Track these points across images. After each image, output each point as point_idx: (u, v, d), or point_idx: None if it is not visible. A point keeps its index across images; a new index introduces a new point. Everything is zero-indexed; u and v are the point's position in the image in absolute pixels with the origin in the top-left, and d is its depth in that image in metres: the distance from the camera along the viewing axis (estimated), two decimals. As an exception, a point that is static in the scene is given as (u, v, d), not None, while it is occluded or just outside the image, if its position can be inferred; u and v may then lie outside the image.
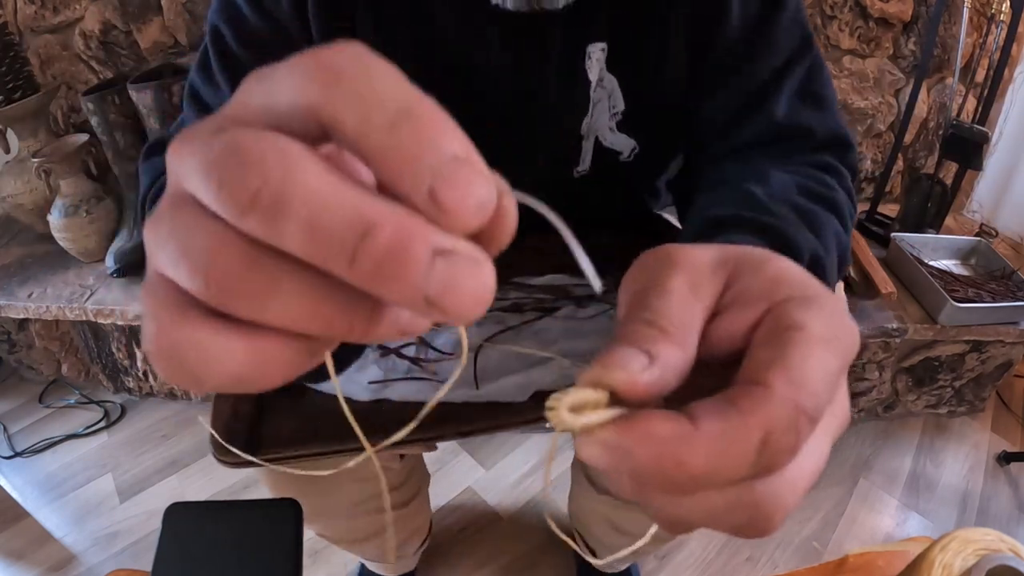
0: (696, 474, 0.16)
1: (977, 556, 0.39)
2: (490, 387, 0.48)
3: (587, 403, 0.17)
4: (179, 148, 0.16)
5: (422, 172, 0.14)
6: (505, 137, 0.52)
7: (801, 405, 0.17)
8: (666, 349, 0.18)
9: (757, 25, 0.46)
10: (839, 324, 0.19)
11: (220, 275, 0.14)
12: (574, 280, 0.57)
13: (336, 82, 0.14)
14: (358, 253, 0.13)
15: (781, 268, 0.21)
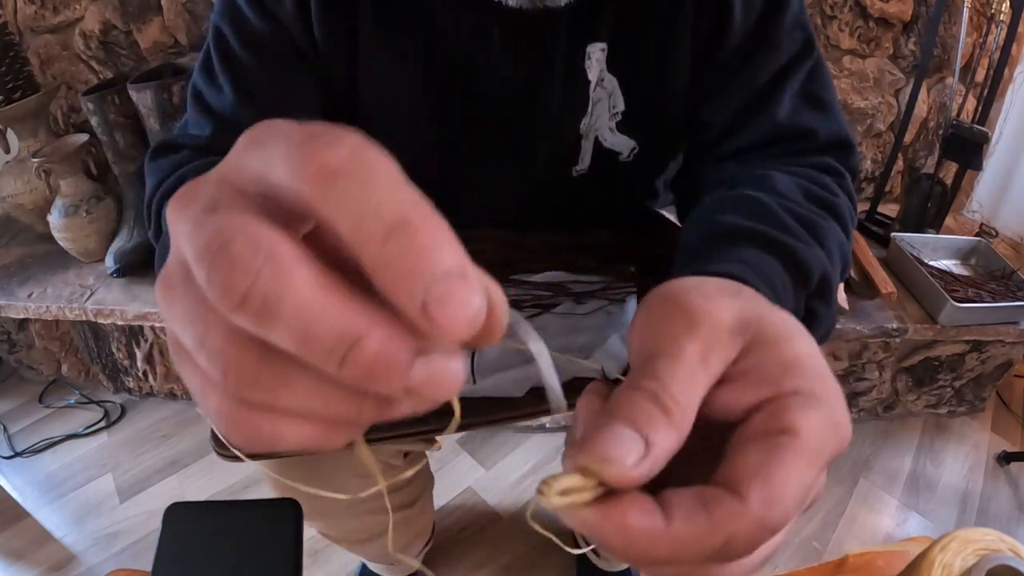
0: (657, 560, 0.18)
1: (977, 556, 0.39)
2: (488, 382, 0.49)
3: (574, 488, 0.18)
4: (178, 211, 0.16)
5: (415, 288, 0.14)
6: (505, 137, 0.52)
7: (768, 522, 0.18)
8: (663, 434, 0.19)
9: (759, 27, 0.46)
10: (834, 431, 0.20)
11: (235, 370, 0.15)
12: (572, 277, 0.57)
13: (331, 183, 0.14)
14: (347, 360, 0.14)
15: (796, 353, 0.21)
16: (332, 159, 0.14)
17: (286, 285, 0.14)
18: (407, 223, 0.14)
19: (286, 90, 0.48)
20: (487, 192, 0.56)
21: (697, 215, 0.43)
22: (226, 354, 0.15)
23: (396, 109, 0.50)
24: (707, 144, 0.51)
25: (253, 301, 0.14)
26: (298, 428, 0.16)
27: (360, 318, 0.14)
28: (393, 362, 0.14)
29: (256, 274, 0.14)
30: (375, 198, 0.14)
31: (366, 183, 0.14)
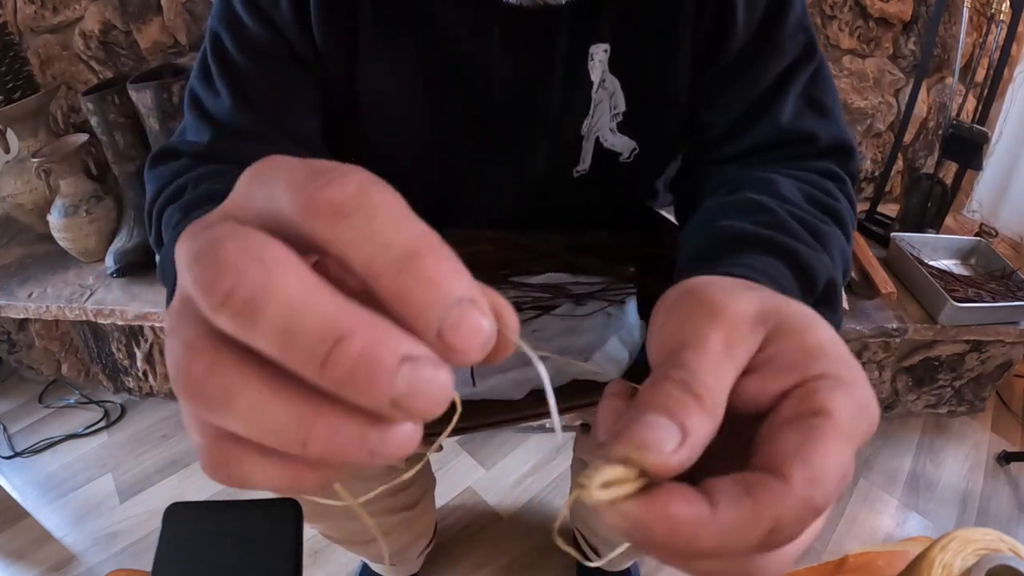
0: (703, 552, 0.17)
1: (977, 556, 0.39)
2: (487, 384, 0.49)
3: (616, 479, 0.18)
4: (181, 244, 0.16)
5: (430, 317, 0.14)
6: (505, 137, 0.52)
7: (813, 502, 0.18)
8: (697, 421, 0.19)
9: (762, 30, 0.46)
10: (863, 412, 0.20)
11: (184, 378, 0.15)
12: (571, 279, 0.57)
13: (340, 219, 0.15)
14: (330, 359, 0.14)
15: (819, 340, 0.21)
16: (339, 195, 0.15)
17: (273, 283, 0.14)
18: (417, 255, 0.14)
19: (284, 95, 0.48)
20: (487, 192, 0.56)
21: (700, 219, 0.43)
22: (182, 360, 0.15)
23: (396, 110, 0.50)
24: (708, 146, 0.51)
25: (237, 298, 0.14)
26: (265, 468, 0.16)
27: (346, 316, 0.14)
28: (378, 364, 0.14)
29: (242, 272, 0.14)
30: (384, 232, 0.15)
31: (373, 218, 0.15)
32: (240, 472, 0.16)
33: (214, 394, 0.15)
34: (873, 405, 0.20)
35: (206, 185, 0.41)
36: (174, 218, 0.39)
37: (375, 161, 0.55)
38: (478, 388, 0.48)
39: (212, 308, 0.14)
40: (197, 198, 0.40)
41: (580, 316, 0.53)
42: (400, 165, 0.53)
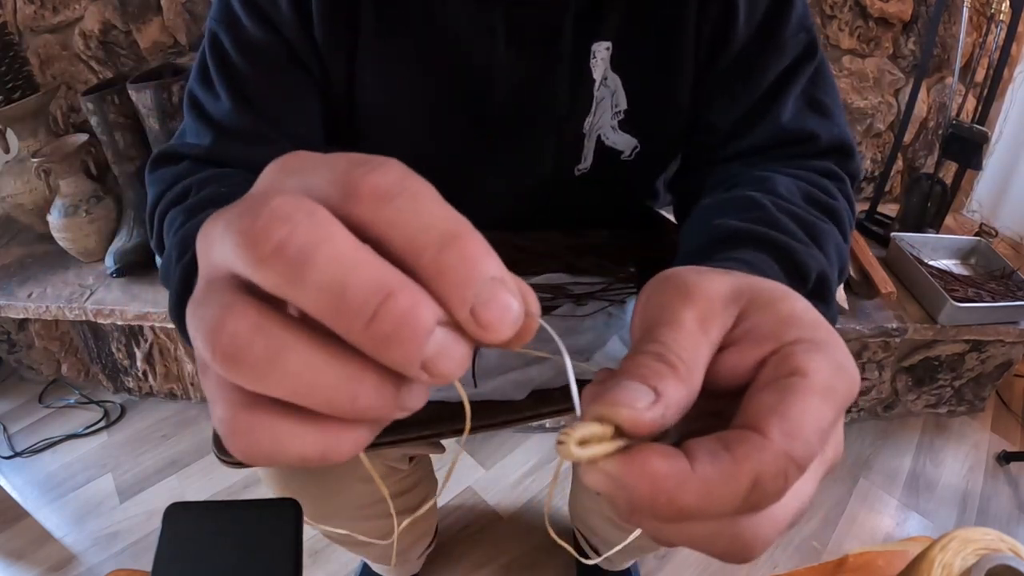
0: (686, 509, 0.17)
1: (977, 556, 0.39)
2: (488, 385, 0.49)
3: (594, 436, 0.18)
4: (206, 228, 0.17)
5: (466, 294, 0.15)
6: (508, 137, 0.52)
7: (792, 455, 0.18)
8: (671, 386, 0.19)
9: (764, 29, 0.46)
10: (841, 372, 0.19)
11: (227, 341, 0.15)
12: (572, 278, 0.57)
13: (385, 202, 0.15)
14: (377, 315, 0.14)
15: (793, 308, 0.21)
16: (383, 181, 0.15)
17: (325, 237, 0.14)
18: (457, 236, 0.15)
19: (284, 96, 0.48)
20: (489, 192, 0.56)
21: (696, 217, 0.43)
22: (220, 324, 0.15)
23: (397, 109, 0.50)
24: (709, 145, 0.51)
25: (289, 248, 0.14)
26: (298, 432, 0.16)
27: (392, 276, 0.15)
28: (420, 323, 0.15)
29: (295, 223, 0.14)
30: (426, 214, 0.15)
31: (416, 201, 0.15)
32: (271, 441, 0.16)
33: (260, 355, 0.15)
34: (851, 366, 0.20)
35: (210, 188, 0.41)
36: (177, 221, 0.39)
37: None
38: (479, 389, 0.48)
39: (260, 258, 0.14)
40: (201, 201, 0.40)
41: (581, 316, 0.53)
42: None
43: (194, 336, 0.16)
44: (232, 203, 0.16)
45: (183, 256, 0.36)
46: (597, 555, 0.88)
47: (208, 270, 0.17)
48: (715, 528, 0.19)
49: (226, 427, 0.16)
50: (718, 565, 1.06)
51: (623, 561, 0.97)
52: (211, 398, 0.17)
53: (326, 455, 0.16)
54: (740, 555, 0.19)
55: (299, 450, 0.16)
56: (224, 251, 0.15)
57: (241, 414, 0.16)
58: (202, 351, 0.16)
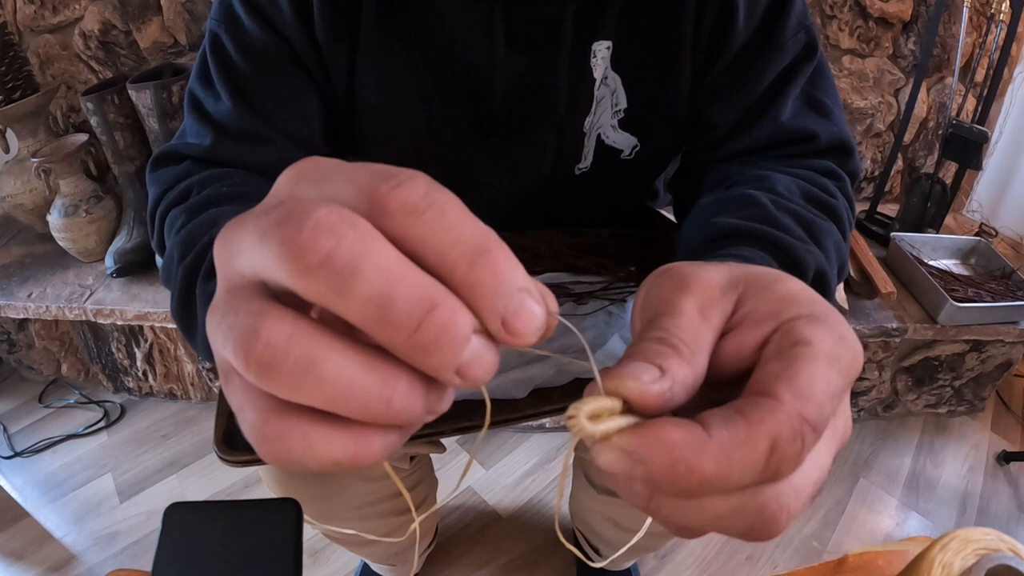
0: (706, 479, 0.17)
1: (977, 556, 0.39)
2: (489, 383, 0.48)
3: (603, 411, 0.18)
4: (227, 234, 0.17)
5: (497, 305, 0.16)
6: (507, 136, 0.52)
7: (806, 416, 0.17)
8: (675, 363, 0.19)
9: (763, 28, 0.46)
10: (844, 343, 0.19)
11: (261, 350, 0.15)
12: (573, 278, 0.57)
13: (415, 218, 0.16)
14: (422, 326, 0.15)
15: (789, 288, 0.21)
16: (412, 196, 0.16)
17: (371, 249, 0.15)
18: (486, 249, 0.16)
19: (285, 97, 0.48)
20: (489, 191, 0.56)
21: (694, 216, 0.43)
22: (253, 333, 0.15)
23: (397, 108, 0.50)
24: (709, 145, 0.51)
25: (337, 259, 0.14)
26: (330, 437, 0.16)
27: (436, 287, 0.15)
28: (460, 332, 0.15)
29: (342, 235, 0.14)
30: (455, 228, 0.16)
31: (444, 215, 0.16)
32: (303, 447, 0.16)
33: (296, 364, 0.15)
34: (852, 338, 0.20)
35: (211, 188, 0.41)
36: (179, 221, 0.39)
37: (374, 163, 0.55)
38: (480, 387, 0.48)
39: (306, 269, 0.14)
40: (202, 201, 0.40)
41: (581, 315, 0.53)
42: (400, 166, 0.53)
43: (220, 344, 0.16)
44: (253, 211, 0.17)
45: (185, 256, 0.36)
46: (598, 555, 0.88)
47: (231, 278, 0.17)
48: (738, 502, 0.18)
49: (257, 434, 0.16)
50: (718, 565, 1.06)
51: (623, 561, 0.97)
52: (238, 404, 0.17)
53: (358, 459, 0.16)
54: (766, 529, 0.18)
55: (331, 455, 0.16)
56: (256, 259, 0.15)
57: (273, 421, 0.16)
58: (231, 360, 0.16)
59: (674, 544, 1.09)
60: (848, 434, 0.21)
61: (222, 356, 0.17)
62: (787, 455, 0.17)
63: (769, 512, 0.18)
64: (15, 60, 1.19)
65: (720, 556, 1.08)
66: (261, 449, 0.16)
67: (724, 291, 0.21)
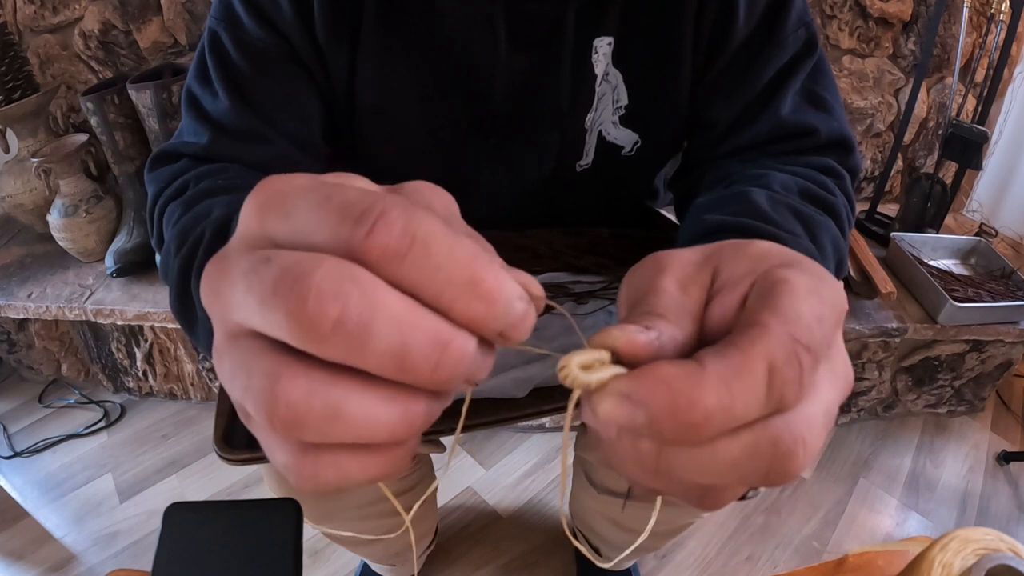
0: (710, 410, 0.16)
1: (977, 556, 0.39)
2: (489, 383, 0.49)
3: (594, 362, 0.18)
4: (215, 284, 0.17)
5: (494, 325, 0.16)
6: (508, 134, 0.52)
7: (797, 337, 0.17)
8: (660, 323, 0.19)
9: (764, 24, 0.46)
10: (823, 282, 0.19)
11: (283, 408, 0.15)
12: (573, 277, 0.57)
13: (397, 264, 0.16)
14: (439, 363, 0.16)
15: (762, 247, 0.22)
16: (389, 239, 0.15)
17: (376, 304, 0.15)
18: (478, 281, 0.16)
19: (284, 96, 0.47)
20: (490, 190, 0.56)
21: (691, 214, 0.43)
22: (271, 393, 0.15)
23: (398, 106, 0.50)
24: (710, 142, 0.51)
25: (348, 323, 0.14)
26: (362, 462, 0.17)
27: (443, 323, 0.16)
28: (470, 357, 0.16)
29: (346, 297, 0.14)
30: (443, 266, 0.16)
31: (428, 252, 0.16)
32: (337, 476, 0.17)
33: (320, 414, 0.15)
34: (832, 279, 0.20)
35: (207, 182, 0.42)
36: (176, 214, 0.39)
37: (374, 163, 0.55)
38: (480, 387, 0.48)
39: (320, 338, 0.15)
40: (198, 194, 0.40)
41: (582, 314, 0.53)
42: (400, 166, 0.53)
43: (237, 397, 0.17)
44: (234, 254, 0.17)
45: (181, 248, 0.36)
46: (598, 555, 0.88)
47: (229, 326, 0.17)
48: (750, 439, 0.17)
49: (292, 473, 0.17)
50: (718, 565, 1.06)
51: (624, 561, 0.97)
52: (267, 446, 0.17)
53: (390, 473, 0.17)
54: (786, 465, 0.17)
55: (364, 476, 0.17)
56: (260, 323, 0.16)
57: (305, 461, 0.17)
58: (253, 417, 0.16)
59: (674, 544, 1.09)
60: (851, 379, 0.20)
61: (242, 405, 0.17)
62: (787, 377, 0.17)
63: (784, 445, 0.17)
64: (15, 60, 1.19)
65: (720, 556, 1.08)
66: (297, 485, 0.17)
67: (699, 266, 0.22)
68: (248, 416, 0.17)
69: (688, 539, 1.09)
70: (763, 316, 0.18)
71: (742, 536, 1.10)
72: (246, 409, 0.17)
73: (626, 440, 0.18)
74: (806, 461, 0.18)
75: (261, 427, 0.17)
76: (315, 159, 0.50)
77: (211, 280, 0.17)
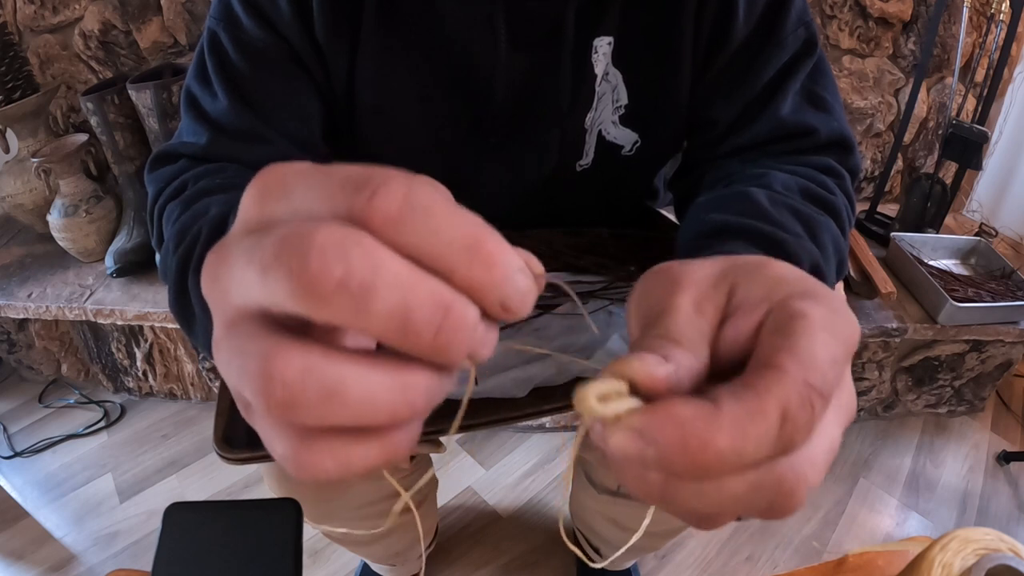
0: (721, 453, 0.17)
1: (977, 556, 0.39)
2: (489, 382, 0.49)
3: (611, 393, 0.18)
4: (214, 270, 0.17)
5: (496, 292, 0.16)
6: (509, 133, 0.52)
7: (812, 383, 0.17)
8: (678, 352, 0.19)
9: (763, 23, 0.46)
10: (838, 315, 0.20)
11: (280, 389, 0.15)
12: (573, 278, 0.57)
13: (400, 227, 0.15)
14: (441, 329, 0.15)
15: (778, 271, 0.22)
16: (390, 205, 0.15)
17: (380, 263, 0.15)
18: (479, 245, 0.16)
19: (283, 96, 0.47)
20: (490, 190, 0.56)
21: (691, 215, 0.43)
22: (268, 373, 0.15)
23: (398, 106, 0.50)
24: (710, 142, 0.51)
25: (351, 283, 0.14)
26: (362, 448, 0.16)
27: (444, 288, 0.16)
28: (471, 324, 0.16)
29: (350, 256, 0.14)
30: (444, 229, 0.16)
31: (430, 218, 0.16)
32: (337, 464, 0.16)
33: (317, 395, 0.15)
34: (847, 310, 0.20)
35: (205, 181, 0.42)
36: (175, 213, 0.39)
37: (374, 163, 0.55)
38: (480, 387, 0.48)
39: (322, 297, 0.14)
40: (197, 192, 0.40)
41: (581, 314, 0.53)
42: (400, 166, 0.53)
43: (235, 385, 0.16)
44: (233, 238, 0.16)
45: (179, 247, 0.36)
46: (598, 555, 0.88)
47: (227, 313, 0.17)
48: (755, 478, 0.18)
49: (291, 463, 0.16)
50: (717, 565, 1.06)
51: (624, 561, 0.97)
52: (266, 436, 0.17)
53: (391, 459, 0.17)
54: (787, 503, 0.18)
55: (365, 463, 0.17)
56: (260, 294, 0.15)
57: (303, 448, 0.16)
58: (251, 401, 0.16)
59: (674, 544, 1.09)
60: (854, 409, 0.21)
61: (240, 394, 0.17)
62: (799, 423, 0.17)
63: (787, 485, 0.18)
64: (15, 60, 1.19)
65: (720, 556, 1.08)
66: (297, 474, 0.17)
67: (715, 284, 0.22)
68: (247, 405, 0.17)
69: (688, 539, 1.09)
70: (781, 358, 0.18)
71: (742, 536, 1.10)
72: (244, 396, 0.16)
73: (634, 468, 0.18)
74: (805, 497, 0.18)
75: (259, 413, 0.17)
76: (315, 159, 0.50)
77: (210, 268, 0.17)
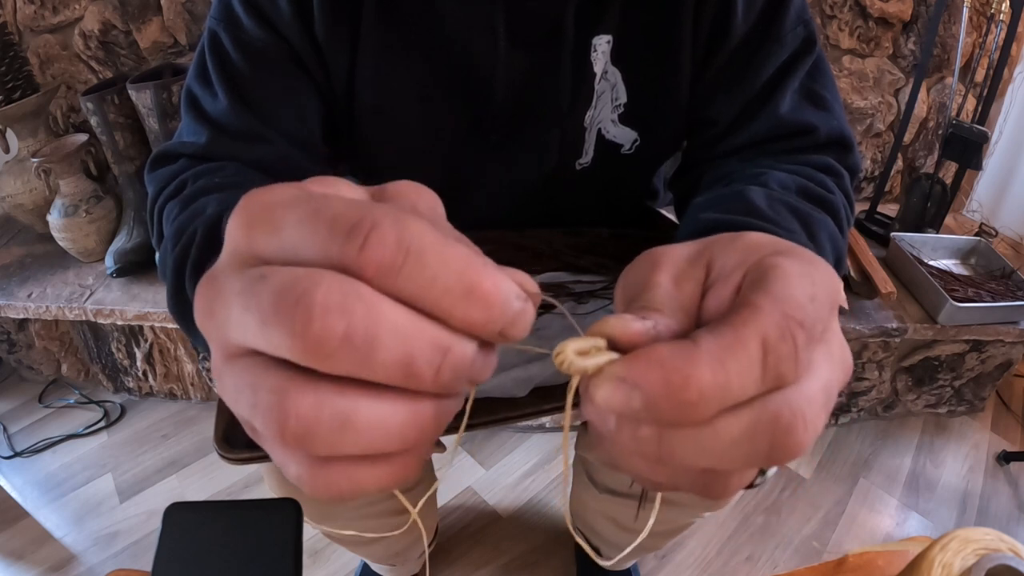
0: (704, 388, 0.16)
1: (977, 556, 0.39)
2: (489, 382, 0.49)
3: (590, 348, 0.18)
4: (208, 305, 0.17)
5: (494, 329, 0.17)
6: (509, 133, 0.52)
7: (789, 314, 0.17)
8: (658, 317, 0.20)
9: (762, 22, 0.46)
10: (814, 266, 0.20)
11: (293, 423, 0.15)
12: (573, 277, 0.57)
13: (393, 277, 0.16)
14: (441, 369, 0.16)
15: (753, 238, 0.22)
16: (383, 253, 0.15)
17: (379, 317, 0.15)
18: (475, 287, 0.16)
19: (283, 97, 0.47)
20: (490, 190, 0.56)
21: (689, 214, 0.44)
22: (280, 409, 0.15)
23: (398, 106, 0.50)
24: (709, 140, 0.51)
25: (355, 338, 0.15)
26: (375, 471, 0.17)
27: (442, 331, 0.16)
28: (470, 359, 0.17)
29: (351, 312, 0.15)
30: (440, 276, 0.16)
31: (423, 263, 0.16)
32: (351, 485, 0.17)
33: (329, 427, 0.15)
34: (822, 264, 0.20)
35: (204, 180, 0.42)
36: (174, 211, 0.39)
37: (374, 163, 0.55)
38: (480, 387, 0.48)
39: (328, 354, 0.15)
40: (195, 192, 0.40)
41: (582, 314, 0.53)
42: (400, 166, 0.53)
43: (244, 415, 0.17)
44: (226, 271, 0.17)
45: (176, 246, 0.36)
46: (599, 555, 0.88)
47: (227, 348, 0.17)
48: (750, 417, 0.17)
49: (306, 485, 0.17)
50: (718, 565, 1.06)
51: (624, 561, 0.97)
52: (279, 460, 0.17)
53: (403, 480, 0.17)
54: (788, 441, 0.17)
55: (378, 484, 0.17)
56: (262, 343, 0.16)
57: (317, 471, 0.17)
58: (261, 432, 0.16)
59: (674, 544, 1.09)
60: (849, 364, 0.20)
61: (248, 422, 0.17)
62: (782, 353, 0.17)
63: (784, 420, 0.17)
64: (15, 60, 1.19)
65: (720, 556, 1.08)
66: (311, 495, 0.17)
67: (693, 261, 0.22)
68: (256, 432, 0.17)
69: (688, 539, 1.09)
70: (755, 297, 0.18)
71: (742, 536, 1.11)
72: (254, 426, 0.17)
73: (626, 429, 0.18)
74: (807, 437, 0.18)
75: (272, 442, 0.17)
76: (314, 159, 0.50)
77: (204, 300, 0.17)
